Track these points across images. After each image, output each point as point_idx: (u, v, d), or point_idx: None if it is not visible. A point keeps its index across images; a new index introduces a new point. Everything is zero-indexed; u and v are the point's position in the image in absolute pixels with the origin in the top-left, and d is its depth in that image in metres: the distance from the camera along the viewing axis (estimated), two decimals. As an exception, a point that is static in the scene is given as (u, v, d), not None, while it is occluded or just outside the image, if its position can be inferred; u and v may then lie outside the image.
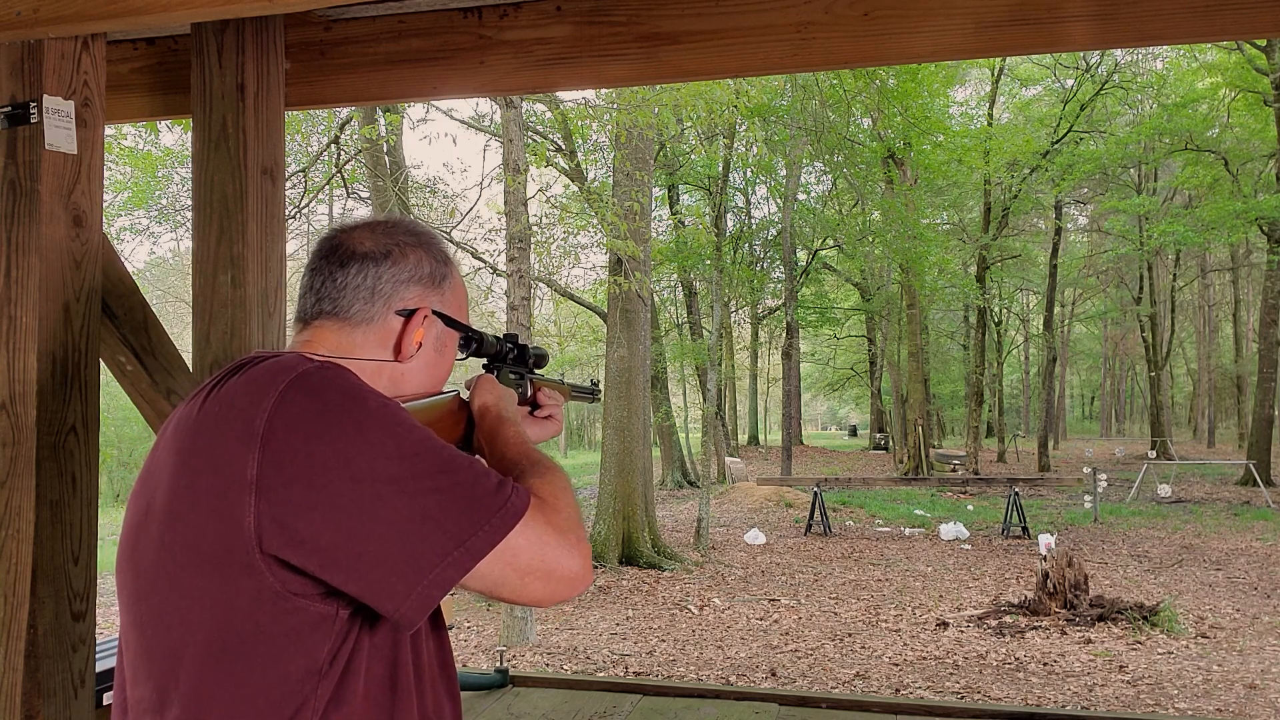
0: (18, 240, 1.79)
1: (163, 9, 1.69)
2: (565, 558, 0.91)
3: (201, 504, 0.86)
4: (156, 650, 0.89)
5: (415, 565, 0.84)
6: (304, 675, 0.85)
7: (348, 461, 0.84)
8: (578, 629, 7.86)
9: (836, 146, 16.89)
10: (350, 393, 0.89)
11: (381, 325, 1.04)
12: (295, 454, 0.84)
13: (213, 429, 0.88)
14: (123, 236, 14.46)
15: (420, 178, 16.57)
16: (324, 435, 0.85)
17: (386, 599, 0.85)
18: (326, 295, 1.04)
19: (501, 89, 2.36)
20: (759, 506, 16.08)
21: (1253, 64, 18.21)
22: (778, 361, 32.02)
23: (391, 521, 0.83)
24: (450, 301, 1.11)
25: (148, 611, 0.90)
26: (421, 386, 1.09)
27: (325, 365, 0.92)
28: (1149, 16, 1.96)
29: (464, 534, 0.85)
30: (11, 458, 1.76)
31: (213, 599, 0.85)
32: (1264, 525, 13.51)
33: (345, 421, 0.86)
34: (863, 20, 2.06)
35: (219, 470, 0.85)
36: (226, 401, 0.89)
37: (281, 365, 0.91)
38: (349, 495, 0.83)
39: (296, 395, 0.87)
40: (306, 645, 0.85)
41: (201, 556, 0.85)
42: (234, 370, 0.94)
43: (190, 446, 0.89)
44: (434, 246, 1.10)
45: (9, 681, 1.73)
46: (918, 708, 3.54)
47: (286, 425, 0.85)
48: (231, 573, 0.84)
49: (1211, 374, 35.50)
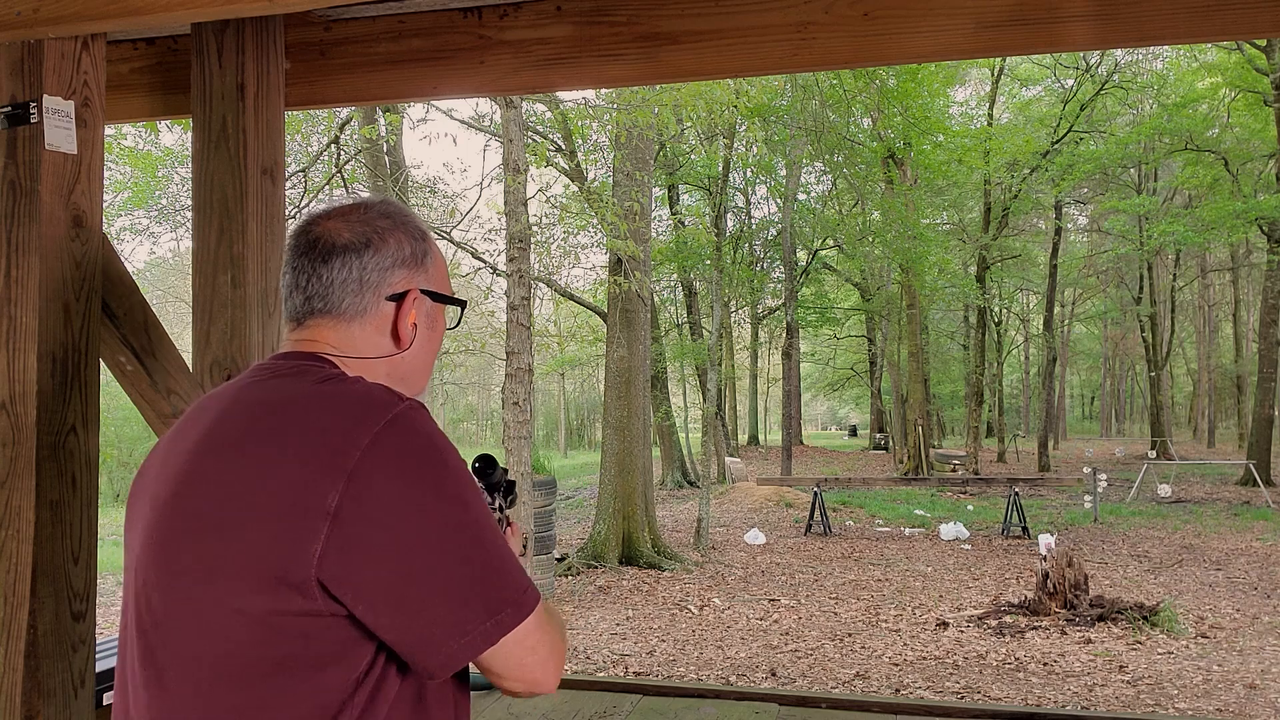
0: (18, 240, 1.79)
1: (163, 9, 1.69)
2: (558, 650, 0.97)
3: (264, 520, 0.86)
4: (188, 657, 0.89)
5: (452, 628, 0.88)
6: (342, 685, 0.88)
7: (423, 517, 0.87)
8: (578, 629, 7.86)
9: (836, 146, 16.88)
10: (436, 444, 0.92)
11: (375, 315, 1.05)
12: (378, 497, 0.86)
13: (287, 446, 0.89)
14: (123, 236, 14.46)
15: (420, 178, 16.56)
16: (410, 483, 0.88)
17: (418, 652, 0.89)
18: (315, 294, 1.04)
19: (501, 89, 2.36)
20: (759, 506, 16.07)
21: (1253, 64, 18.20)
22: (778, 361, 32.02)
23: (445, 581, 0.88)
24: (434, 276, 1.11)
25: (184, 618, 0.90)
26: (419, 366, 1.11)
27: (415, 408, 0.94)
28: (1149, 16, 1.96)
29: (497, 608, 0.90)
30: (11, 458, 1.76)
31: (260, 613, 0.86)
32: (1264, 525, 13.51)
33: (427, 475, 0.89)
34: (863, 20, 2.06)
35: (290, 490, 0.86)
36: (305, 418, 0.91)
37: (376, 400, 0.93)
38: (414, 549, 0.86)
39: (391, 438, 0.89)
40: (346, 661, 0.88)
41: (254, 573, 0.86)
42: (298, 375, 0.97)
43: (255, 456, 0.89)
44: (410, 225, 1.10)
45: (9, 681, 1.73)
46: (918, 708, 3.53)
47: (379, 467, 0.87)
48: (283, 591, 0.85)
49: (1211, 374, 35.49)
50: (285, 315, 1.08)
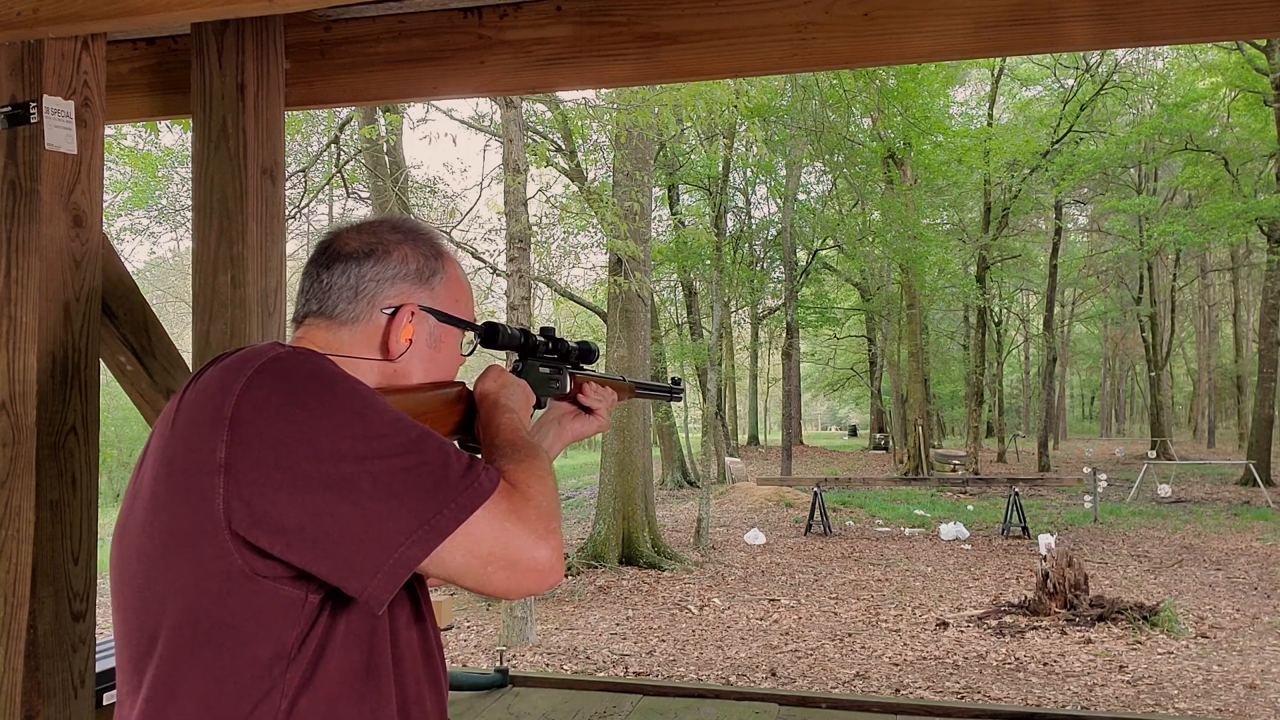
0: (18, 240, 1.79)
1: (163, 9, 1.69)
2: (531, 547, 0.89)
3: (177, 488, 0.87)
4: (136, 634, 0.91)
5: (380, 543, 0.83)
6: (272, 659, 0.86)
7: (312, 442, 0.84)
8: (578, 629, 7.86)
9: (836, 146, 16.89)
10: (318, 375, 0.89)
11: (367, 324, 1.05)
12: (262, 436, 0.84)
13: (189, 415, 0.89)
14: (123, 236, 14.47)
15: (420, 178, 16.56)
16: (289, 417, 0.85)
17: (353, 578, 0.84)
18: (314, 296, 1.06)
19: (501, 89, 2.36)
20: (759, 506, 16.07)
21: (1253, 64, 18.21)
22: (778, 361, 32.02)
23: (356, 500, 0.83)
24: (442, 296, 1.09)
25: (131, 596, 0.91)
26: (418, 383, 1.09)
27: (298, 350, 0.92)
28: (1149, 16, 1.96)
29: (428, 513, 0.84)
30: (11, 458, 1.76)
31: (185, 582, 0.86)
32: (1264, 525, 13.51)
33: (311, 403, 0.86)
34: (863, 20, 2.06)
35: (192, 454, 0.86)
36: (202, 388, 0.90)
37: (255, 351, 0.92)
38: (314, 475, 0.83)
39: (264, 379, 0.87)
40: (275, 629, 0.86)
41: (177, 539, 0.86)
42: (215, 360, 0.96)
43: (170, 434, 0.90)
44: (423, 242, 1.10)
45: (9, 681, 1.73)
46: (918, 708, 3.53)
47: (254, 408, 0.85)
48: (203, 555, 0.85)
49: (1211, 374, 35.49)
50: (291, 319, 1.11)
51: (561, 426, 1.44)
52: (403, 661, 0.96)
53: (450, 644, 7.40)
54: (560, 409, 1.44)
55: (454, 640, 7.58)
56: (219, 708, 0.86)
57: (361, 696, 0.91)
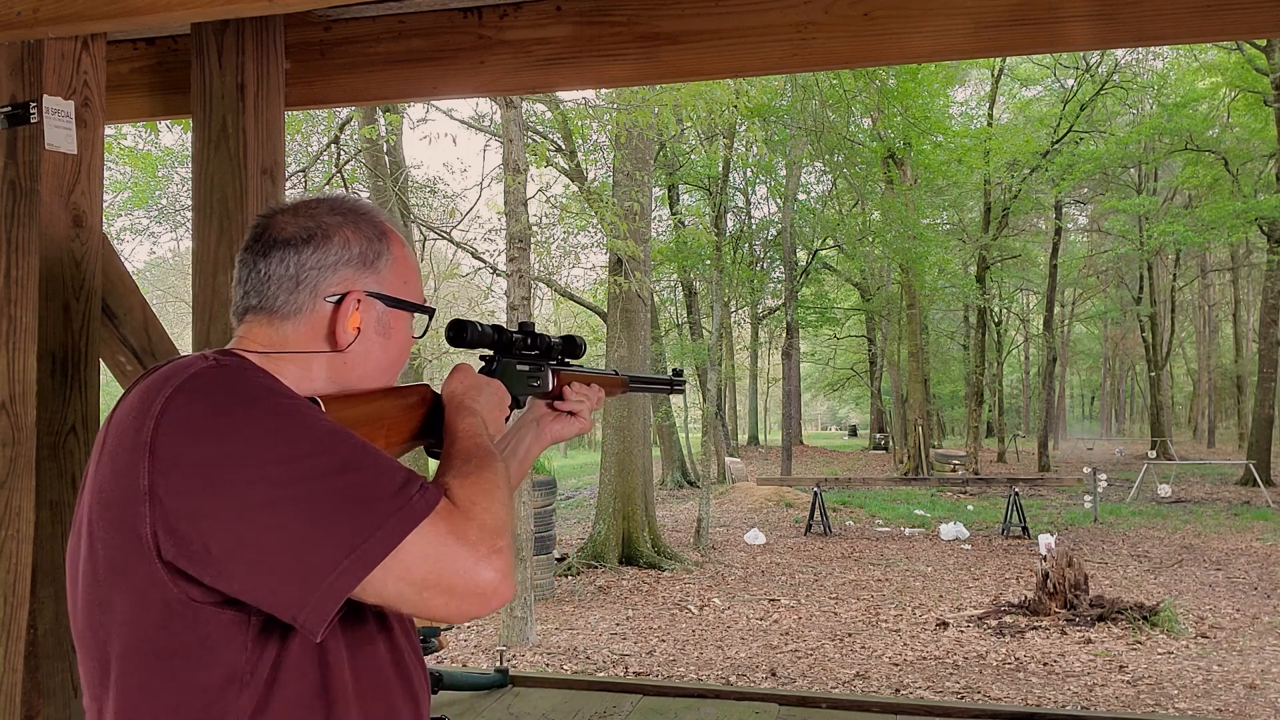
0: (18, 240, 1.79)
1: (163, 9, 1.69)
2: (470, 570, 0.83)
3: (108, 517, 0.84)
4: (90, 664, 0.89)
5: (307, 573, 0.79)
6: (223, 684, 0.83)
7: (233, 465, 0.80)
8: (578, 629, 7.86)
9: (836, 146, 16.88)
10: (237, 392, 0.85)
11: (311, 315, 0.98)
12: (180, 460, 0.81)
13: (115, 440, 0.86)
14: (123, 236, 14.47)
15: (420, 178, 16.56)
16: (209, 439, 0.81)
17: (283, 608, 0.81)
18: (252, 289, 0.99)
19: (501, 89, 2.36)
20: (759, 506, 16.07)
21: (1253, 64, 18.20)
22: (778, 361, 32.02)
23: (281, 527, 0.79)
24: (389, 279, 1.02)
25: (80, 625, 0.89)
26: (372, 372, 1.03)
27: (220, 365, 0.88)
28: (1149, 16, 1.96)
29: (356, 539, 0.80)
30: (11, 458, 1.76)
31: (127, 611, 0.83)
32: (1264, 525, 13.50)
33: (230, 424, 0.82)
34: (863, 20, 2.06)
35: (118, 481, 0.83)
36: (125, 410, 0.87)
37: (175, 368, 0.87)
38: (235, 500, 0.79)
39: (182, 399, 0.83)
40: (222, 654, 0.83)
41: (113, 570, 0.84)
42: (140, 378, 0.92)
43: (99, 460, 0.87)
44: (365, 223, 1.03)
45: (9, 682, 1.73)
46: (918, 708, 3.53)
47: (171, 430, 0.82)
48: (139, 584, 0.82)
49: (1211, 374, 35.48)
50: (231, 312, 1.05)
51: (540, 428, 1.39)
52: (364, 678, 0.92)
53: (450, 644, 7.40)
54: (539, 409, 1.39)
55: (454, 640, 7.57)
56: None
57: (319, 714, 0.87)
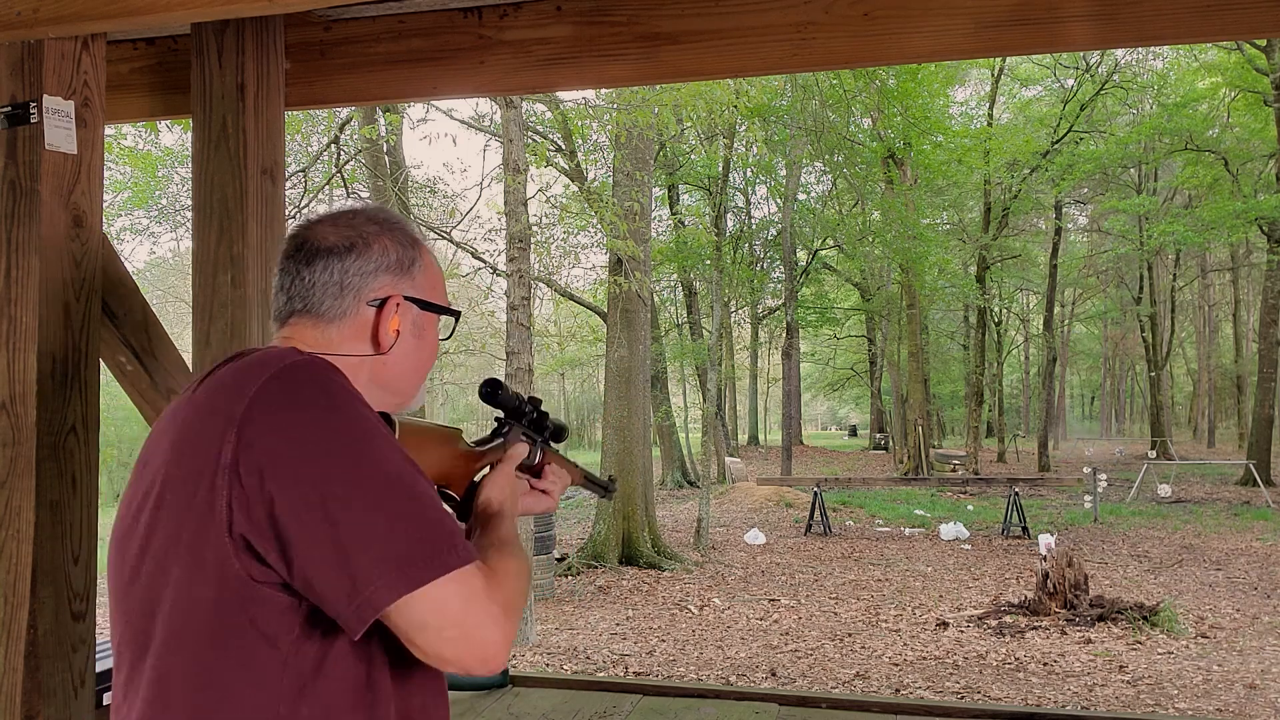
0: (18, 240, 1.79)
1: (163, 9, 1.69)
2: (489, 626, 0.88)
3: (185, 489, 0.87)
4: (137, 636, 0.90)
5: (359, 575, 0.83)
6: (270, 665, 0.86)
7: (316, 460, 0.85)
8: (578, 629, 7.86)
9: (836, 146, 16.88)
10: (333, 391, 0.89)
11: (355, 318, 1.05)
12: (266, 442, 0.85)
13: (202, 416, 0.89)
14: (123, 236, 14.46)
15: (420, 178, 16.55)
16: (297, 428, 0.86)
17: (329, 602, 0.85)
18: (297, 294, 1.05)
19: (501, 89, 2.36)
20: (759, 506, 16.07)
21: (1253, 64, 18.20)
22: (778, 361, 32.02)
23: (346, 526, 0.83)
24: (422, 284, 1.10)
25: (134, 598, 0.91)
26: (407, 372, 1.09)
27: (312, 360, 0.93)
28: (1149, 16, 1.96)
29: (404, 561, 0.84)
30: (11, 458, 1.76)
31: (187, 583, 0.86)
32: (1264, 525, 13.50)
33: (320, 420, 0.87)
34: (863, 20, 2.06)
35: (200, 454, 0.86)
36: (216, 388, 0.91)
37: (270, 355, 0.92)
38: (312, 491, 0.83)
39: (276, 385, 0.88)
40: (271, 634, 0.86)
41: (181, 542, 0.86)
42: (228, 360, 0.96)
43: (181, 434, 0.91)
44: (399, 232, 1.10)
45: (9, 682, 1.73)
46: (918, 708, 3.53)
47: (262, 413, 0.86)
48: (205, 557, 0.85)
49: (1211, 374, 35.48)
50: (271, 316, 1.10)
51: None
52: (403, 675, 0.95)
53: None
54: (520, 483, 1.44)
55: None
56: (216, 712, 0.85)
57: (361, 708, 0.90)
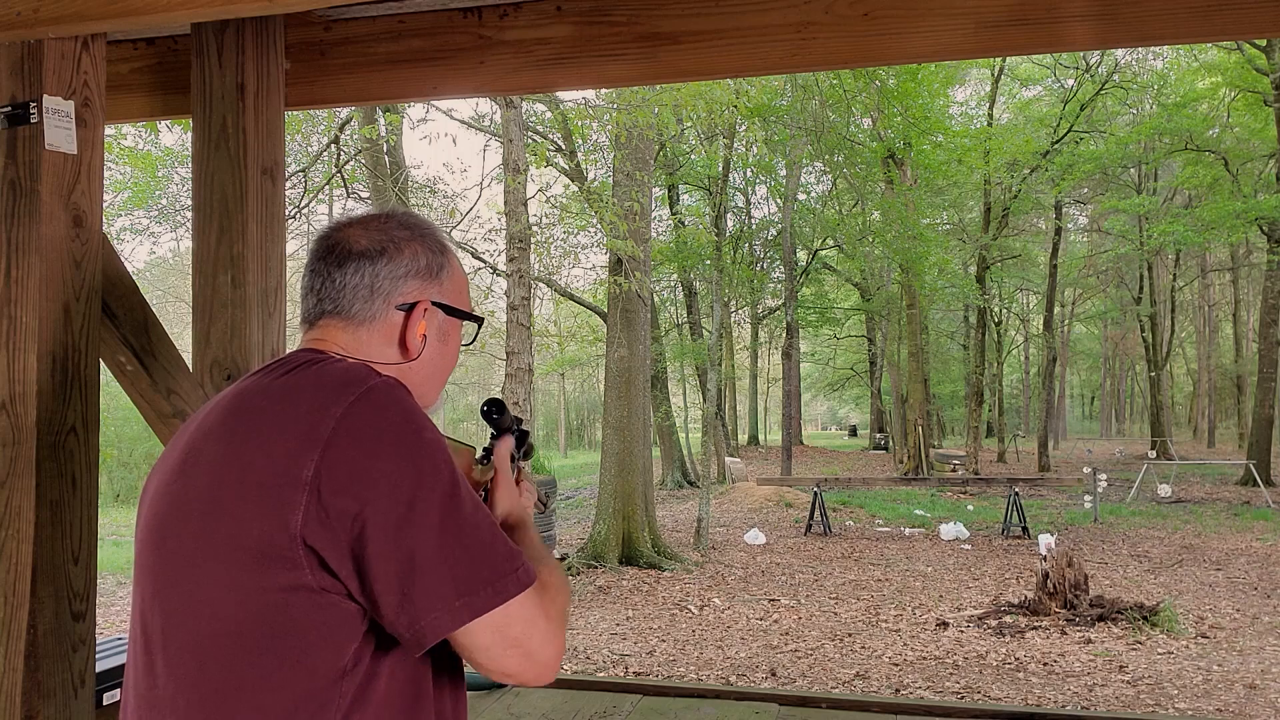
0: (18, 240, 1.79)
1: (163, 9, 1.69)
2: (547, 643, 0.93)
3: (250, 496, 0.88)
4: (180, 639, 0.90)
5: (424, 601, 0.87)
6: (329, 672, 0.87)
7: (395, 483, 0.87)
8: (578, 629, 7.86)
9: (836, 146, 16.87)
10: (411, 415, 0.92)
11: (384, 321, 1.06)
12: (353, 464, 0.87)
13: (274, 425, 0.91)
14: (123, 236, 14.46)
15: (420, 178, 16.56)
16: (381, 453, 0.88)
17: (391, 623, 0.88)
18: (327, 295, 1.07)
19: (501, 89, 2.36)
20: (759, 506, 16.07)
21: (1253, 64, 18.20)
22: (778, 361, 32.01)
23: (412, 555, 0.86)
24: (449, 290, 1.12)
25: (176, 599, 0.91)
26: (432, 376, 1.12)
27: (391, 384, 0.95)
28: (1149, 16, 1.96)
29: (470, 589, 0.88)
30: (11, 458, 1.76)
31: (248, 590, 0.87)
32: (1264, 525, 13.50)
33: (401, 443, 0.89)
34: (863, 20, 2.06)
35: (274, 464, 0.88)
36: (291, 399, 0.92)
37: (353, 375, 0.94)
38: (387, 516, 0.86)
39: (364, 409, 0.90)
40: (334, 641, 0.88)
41: (242, 548, 0.87)
42: (297, 365, 0.97)
43: (245, 437, 0.91)
44: (429, 238, 1.11)
45: (9, 681, 1.73)
46: (918, 708, 3.53)
47: (350, 437, 0.88)
48: (271, 564, 0.86)
49: (1211, 374, 35.48)
50: (300, 318, 1.11)
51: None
52: (442, 677, 0.98)
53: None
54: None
55: (454, 640, 7.57)
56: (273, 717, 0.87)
57: (407, 713, 0.93)
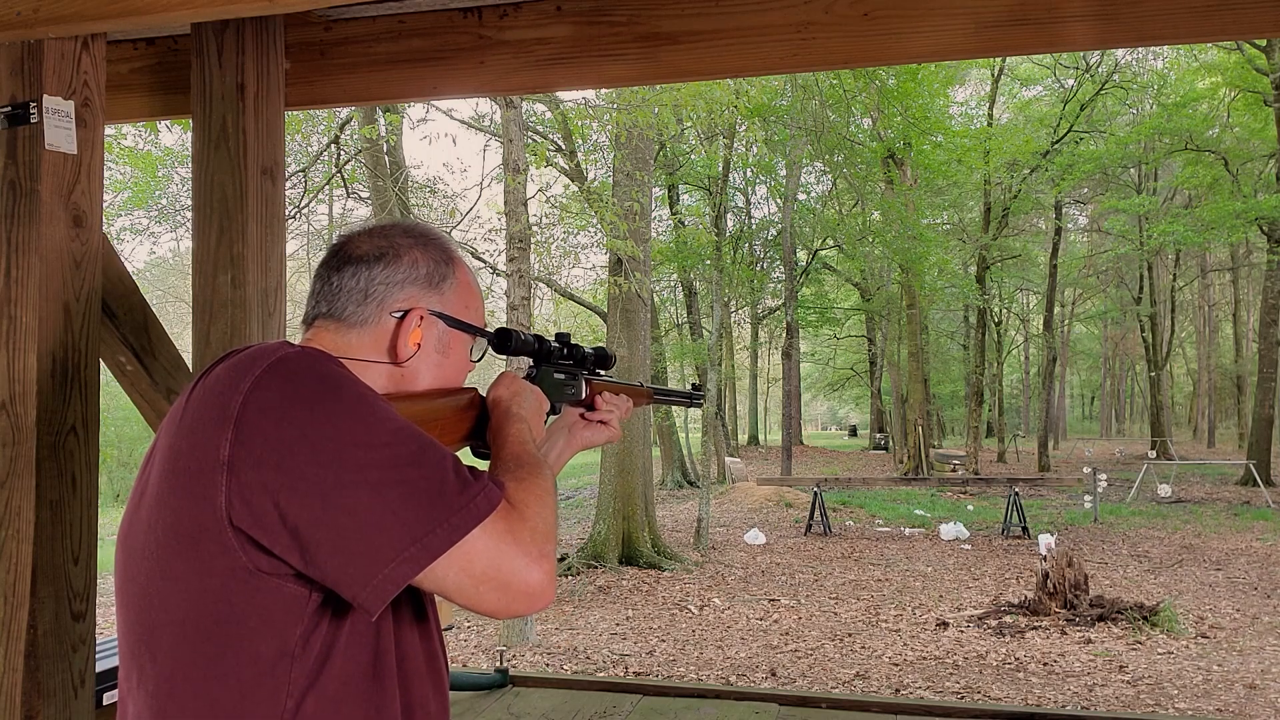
0: (18, 240, 1.79)
1: (163, 9, 1.69)
2: (524, 570, 0.88)
3: (181, 485, 0.87)
4: (139, 631, 0.91)
5: (371, 556, 0.83)
6: (275, 657, 0.86)
7: (314, 447, 0.84)
8: (578, 629, 7.86)
9: (836, 146, 16.88)
10: (325, 377, 0.89)
11: (376, 327, 1.05)
12: (265, 436, 0.84)
13: (195, 413, 0.90)
14: (123, 236, 14.46)
15: (420, 178, 16.55)
16: (294, 419, 0.85)
17: (345, 586, 0.85)
18: (324, 298, 1.06)
19: (501, 89, 2.36)
20: (759, 506, 16.07)
21: (1253, 64, 18.20)
22: (778, 361, 32.02)
23: (353, 510, 0.83)
24: (452, 301, 1.09)
25: (134, 593, 0.92)
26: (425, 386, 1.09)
27: (306, 351, 0.92)
28: (1149, 16, 1.95)
29: (421, 530, 0.84)
30: (11, 458, 1.76)
31: (188, 578, 0.86)
32: (1264, 525, 13.51)
33: (315, 406, 0.86)
34: (863, 20, 2.06)
35: (196, 450, 0.87)
36: (210, 385, 0.91)
37: (263, 350, 0.92)
38: (313, 480, 0.83)
39: (271, 379, 0.87)
40: (277, 626, 0.86)
41: (180, 536, 0.86)
42: (223, 358, 0.96)
43: (177, 431, 0.91)
44: (434, 247, 1.10)
45: (9, 682, 1.73)
46: (918, 708, 3.53)
47: (259, 407, 0.86)
48: (206, 551, 0.85)
49: (1211, 374, 35.49)
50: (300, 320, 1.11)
51: (572, 434, 1.44)
52: (406, 662, 0.96)
53: (450, 644, 7.40)
54: (571, 416, 1.44)
55: (454, 640, 7.58)
56: (221, 705, 0.86)
57: (367, 698, 0.90)
